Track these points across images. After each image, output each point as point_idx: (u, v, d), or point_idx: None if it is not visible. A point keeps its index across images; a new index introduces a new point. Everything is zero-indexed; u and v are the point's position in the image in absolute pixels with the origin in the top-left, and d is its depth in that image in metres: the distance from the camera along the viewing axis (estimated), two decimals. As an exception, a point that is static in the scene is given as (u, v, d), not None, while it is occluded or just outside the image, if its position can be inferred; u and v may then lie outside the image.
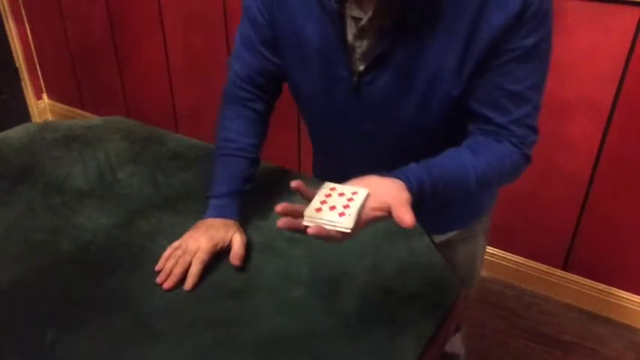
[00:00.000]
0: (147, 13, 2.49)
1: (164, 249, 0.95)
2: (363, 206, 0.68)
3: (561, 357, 1.81)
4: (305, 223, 0.67)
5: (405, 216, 0.66)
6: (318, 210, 0.67)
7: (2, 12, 2.90)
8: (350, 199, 0.68)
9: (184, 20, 2.40)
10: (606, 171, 1.76)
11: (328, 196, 0.69)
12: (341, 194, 0.69)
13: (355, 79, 0.90)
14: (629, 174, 1.73)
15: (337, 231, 0.66)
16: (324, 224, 0.66)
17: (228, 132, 1.03)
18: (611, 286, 1.93)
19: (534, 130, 0.87)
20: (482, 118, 0.86)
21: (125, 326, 0.80)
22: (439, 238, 1.06)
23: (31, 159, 1.22)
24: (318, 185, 0.72)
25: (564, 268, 2.00)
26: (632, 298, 1.90)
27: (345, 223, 0.66)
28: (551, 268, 2.02)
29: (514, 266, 2.08)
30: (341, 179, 0.76)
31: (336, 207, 0.67)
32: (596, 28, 1.59)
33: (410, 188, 0.73)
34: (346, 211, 0.67)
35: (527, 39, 0.79)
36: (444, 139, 0.91)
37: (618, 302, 1.93)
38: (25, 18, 3.00)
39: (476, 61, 0.81)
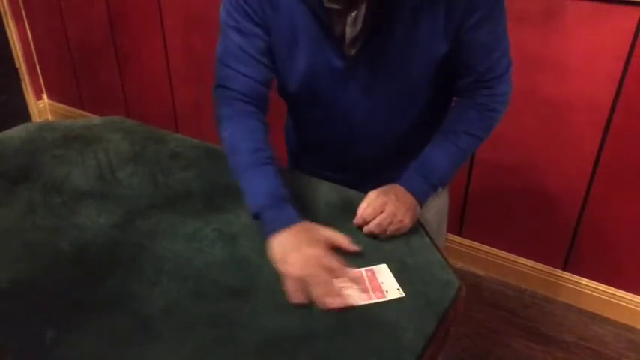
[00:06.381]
0: (147, 13, 2.49)
1: (164, 249, 0.95)
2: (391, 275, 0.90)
3: (561, 357, 1.81)
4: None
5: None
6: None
7: (2, 12, 2.90)
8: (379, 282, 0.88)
9: (184, 20, 2.40)
10: (606, 171, 1.76)
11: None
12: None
13: (347, 64, 0.97)
14: (629, 174, 1.73)
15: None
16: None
17: (255, 142, 1.00)
18: (611, 286, 1.93)
19: (509, 63, 1.04)
20: (465, 69, 1.02)
21: (125, 326, 0.80)
22: None
23: (31, 159, 1.22)
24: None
25: (564, 268, 2.00)
26: (632, 298, 1.90)
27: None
28: (551, 268, 2.02)
29: (514, 266, 2.08)
30: (324, 157, 1.12)
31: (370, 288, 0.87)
32: (596, 28, 1.59)
33: (424, 195, 1.01)
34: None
35: None
36: (427, 108, 1.05)
37: (618, 302, 1.93)
38: (25, 18, 3.00)
39: (457, 21, 0.94)
